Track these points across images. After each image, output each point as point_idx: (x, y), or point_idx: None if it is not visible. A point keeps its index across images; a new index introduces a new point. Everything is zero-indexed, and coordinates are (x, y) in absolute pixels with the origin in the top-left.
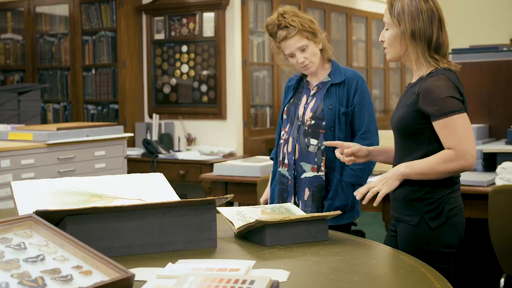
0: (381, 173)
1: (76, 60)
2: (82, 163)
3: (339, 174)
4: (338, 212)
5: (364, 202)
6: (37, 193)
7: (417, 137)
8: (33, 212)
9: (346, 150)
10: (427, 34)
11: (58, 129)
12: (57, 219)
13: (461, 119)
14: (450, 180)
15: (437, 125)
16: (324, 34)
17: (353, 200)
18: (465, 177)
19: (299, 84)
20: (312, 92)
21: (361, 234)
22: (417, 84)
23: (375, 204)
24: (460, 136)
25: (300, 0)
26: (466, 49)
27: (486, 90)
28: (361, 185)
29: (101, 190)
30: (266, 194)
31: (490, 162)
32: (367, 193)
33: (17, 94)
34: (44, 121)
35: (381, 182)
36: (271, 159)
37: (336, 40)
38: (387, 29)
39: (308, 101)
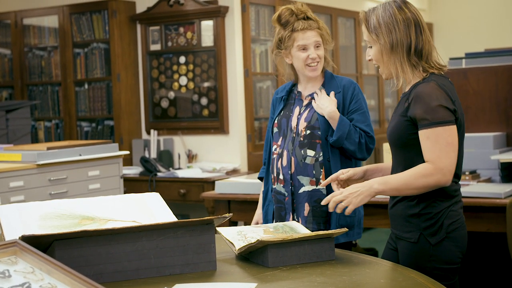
0: None
1: (68, 75)
2: (75, 184)
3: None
4: (345, 229)
5: (330, 210)
6: (25, 217)
7: (412, 148)
8: (19, 238)
9: (342, 177)
10: (406, 42)
11: (49, 148)
12: (45, 244)
13: (447, 132)
14: (448, 193)
15: (421, 134)
16: (332, 45)
17: (358, 214)
18: (481, 189)
19: (289, 95)
20: (305, 103)
21: (373, 252)
22: (409, 92)
23: (346, 213)
24: (440, 149)
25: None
26: (481, 53)
27: (503, 96)
28: None
29: (93, 212)
30: (257, 217)
31: (508, 172)
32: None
33: (5, 112)
34: (35, 140)
35: (353, 194)
36: (260, 179)
37: (344, 46)
38: (370, 47)
39: (302, 112)
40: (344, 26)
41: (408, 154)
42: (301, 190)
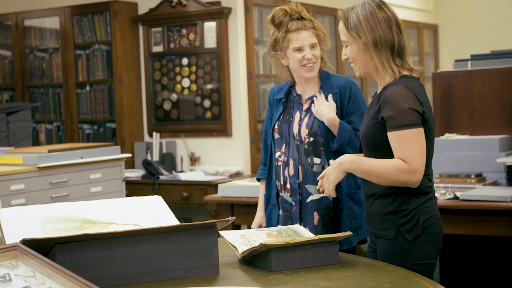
0: None
1: (69, 77)
2: (77, 187)
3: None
4: (349, 233)
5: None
6: (26, 221)
7: (384, 149)
8: (20, 241)
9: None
10: (389, 40)
11: (50, 151)
12: (46, 248)
13: (416, 134)
14: (422, 190)
15: (391, 135)
16: (329, 45)
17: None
18: (487, 192)
19: (288, 97)
20: (305, 107)
21: None
22: (379, 94)
23: (327, 194)
24: (413, 151)
25: (308, 6)
26: (486, 54)
27: (508, 98)
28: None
29: (94, 215)
30: (260, 220)
31: None
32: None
33: (6, 114)
34: (36, 142)
35: (329, 174)
36: (258, 180)
37: None
38: (346, 46)
39: (302, 117)
40: None
41: (381, 155)
42: (308, 199)
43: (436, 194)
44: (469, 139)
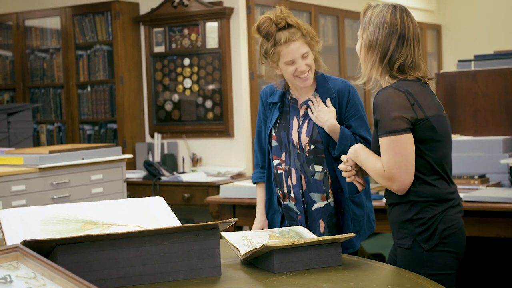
0: (377, 193)
1: (70, 77)
2: (78, 188)
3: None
4: (352, 234)
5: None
6: (26, 222)
7: None
8: (21, 242)
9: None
10: (383, 48)
11: (51, 152)
12: (47, 249)
13: (395, 141)
14: (442, 197)
15: (380, 142)
16: (320, 44)
17: (366, 208)
18: (490, 194)
19: (283, 101)
20: (301, 112)
21: (381, 257)
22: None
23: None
24: (389, 159)
25: (311, 6)
26: (490, 55)
27: None
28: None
29: (96, 216)
30: (261, 224)
31: None
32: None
33: (7, 115)
34: (37, 143)
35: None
36: (255, 183)
37: (351, 48)
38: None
39: (301, 124)
40: (351, 28)
41: None
42: (314, 207)
43: None
44: (473, 140)
